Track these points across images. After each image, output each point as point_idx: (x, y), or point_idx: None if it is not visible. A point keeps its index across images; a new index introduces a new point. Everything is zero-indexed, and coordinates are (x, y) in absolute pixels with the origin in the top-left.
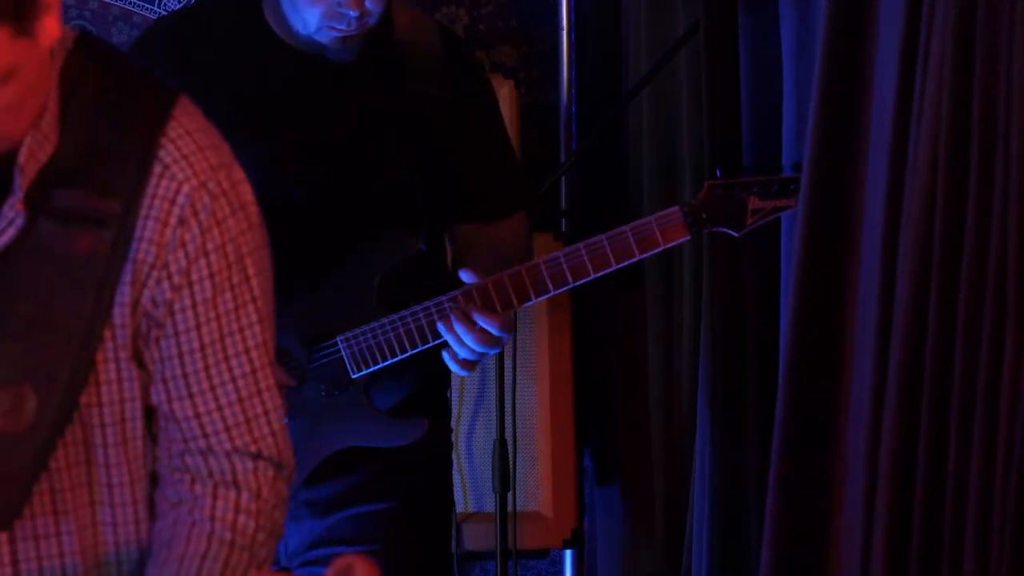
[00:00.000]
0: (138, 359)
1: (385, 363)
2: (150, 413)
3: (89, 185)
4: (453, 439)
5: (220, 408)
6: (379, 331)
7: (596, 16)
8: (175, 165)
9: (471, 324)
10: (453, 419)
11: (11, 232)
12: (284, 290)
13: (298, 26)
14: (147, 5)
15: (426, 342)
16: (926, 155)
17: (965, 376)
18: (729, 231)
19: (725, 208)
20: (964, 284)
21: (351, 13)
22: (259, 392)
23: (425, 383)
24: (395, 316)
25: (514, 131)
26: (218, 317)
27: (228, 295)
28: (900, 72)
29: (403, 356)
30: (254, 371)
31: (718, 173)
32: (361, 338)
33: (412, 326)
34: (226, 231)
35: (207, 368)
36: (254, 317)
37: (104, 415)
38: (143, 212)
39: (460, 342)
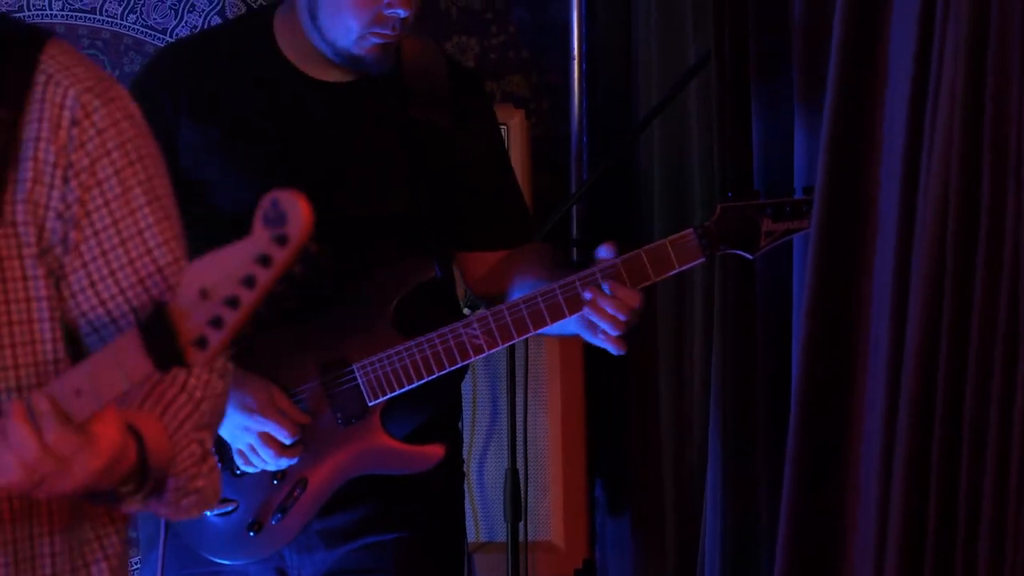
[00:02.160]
0: (57, 272)
1: (401, 390)
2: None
3: None
4: (465, 469)
5: (152, 299)
6: (395, 358)
7: (607, 46)
8: (59, 74)
9: (616, 300)
10: (465, 449)
11: None
12: (299, 317)
13: (335, 36)
14: (158, 35)
15: (442, 368)
16: (938, 179)
17: (978, 400)
18: (743, 253)
19: (738, 230)
20: (977, 308)
21: (400, 12)
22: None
23: (439, 412)
24: (411, 343)
25: (525, 161)
26: (132, 212)
27: (138, 191)
28: (911, 97)
29: (419, 383)
30: (177, 260)
31: (729, 195)
32: (377, 365)
33: (428, 352)
34: (122, 132)
35: (132, 262)
36: (164, 213)
37: (11, 312)
38: (33, 116)
39: (612, 320)
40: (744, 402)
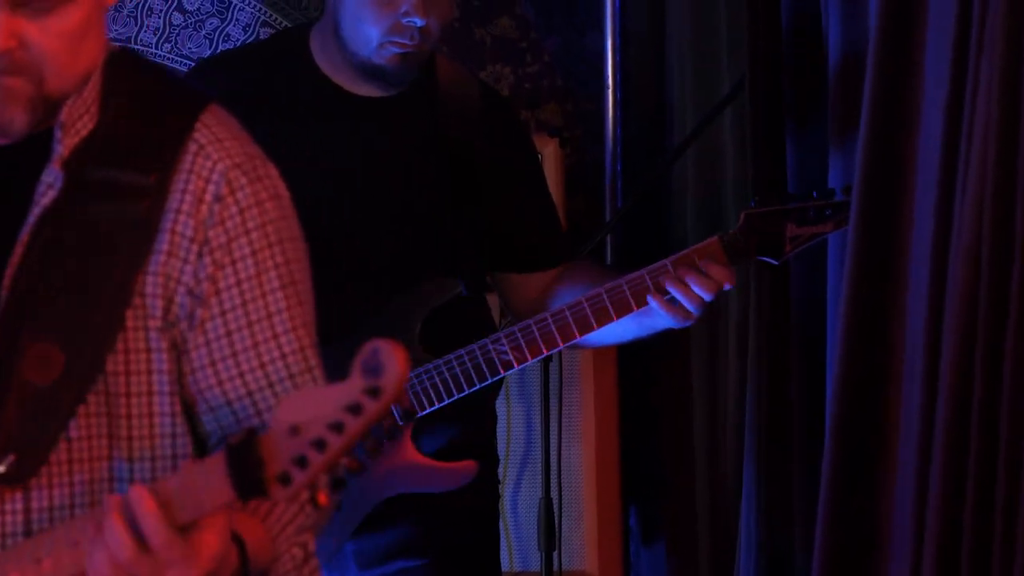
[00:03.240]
0: (180, 347)
1: (432, 408)
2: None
3: (125, 161)
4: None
5: (272, 384)
6: (424, 376)
7: (641, 74)
8: (210, 146)
9: (702, 275)
10: (499, 475)
11: (51, 195)
12: (325, 336)
13: (356, 46)
14: (187, 61)
15: (472, 386)
16: (974, 189)
17: (1015, 411)
18: (769, 260)
19: (763, 237)
20: (1013, 316)
21: (417, 21)
22: (309, 369)
23: (471, 430)
24: (439, 361)
25: (559, 189)
26: (264, 295)
27: (273, 274)
28: (948, 106)
29: (449, 401)
30: (303, 348)
31: (753, 203)
32: (406, 383)
33: (458, 370)
34: (265, 213)
35: (256, 345)
36: (298, 299)
37: (131, 384)
38: (179, 186)
39: (690, 294)
40: (779, 428)
